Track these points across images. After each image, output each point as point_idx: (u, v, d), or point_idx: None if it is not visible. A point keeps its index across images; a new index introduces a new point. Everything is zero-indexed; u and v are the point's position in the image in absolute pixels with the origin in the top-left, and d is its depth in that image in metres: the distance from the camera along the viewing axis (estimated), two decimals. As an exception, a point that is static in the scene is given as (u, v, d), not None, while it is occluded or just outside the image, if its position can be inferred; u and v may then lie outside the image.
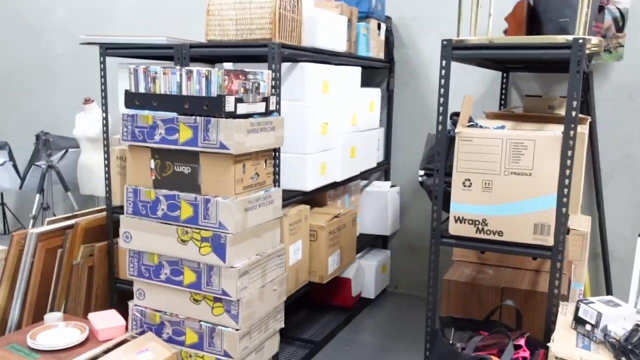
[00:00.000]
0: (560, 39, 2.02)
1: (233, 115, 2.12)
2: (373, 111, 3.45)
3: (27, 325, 2.67)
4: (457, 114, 2.46)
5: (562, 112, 3.17)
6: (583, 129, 2.25)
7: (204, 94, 2.13)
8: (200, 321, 2.28)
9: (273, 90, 2.40)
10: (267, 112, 2.32)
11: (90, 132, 4.26)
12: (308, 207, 2.78)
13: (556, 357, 1.73)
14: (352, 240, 3.18)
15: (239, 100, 2.14)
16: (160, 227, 2.27)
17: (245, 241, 2.23)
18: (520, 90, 3.61)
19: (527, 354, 1.97)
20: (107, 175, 2.84)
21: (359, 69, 3.22)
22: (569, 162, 2.03)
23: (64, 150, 4.50)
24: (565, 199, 2.05)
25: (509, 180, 2.09)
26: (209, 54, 2.54)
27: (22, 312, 2.66)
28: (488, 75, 3.64)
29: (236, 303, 2.20)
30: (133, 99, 2.25)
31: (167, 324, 2.34)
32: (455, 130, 2.16)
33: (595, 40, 2.40)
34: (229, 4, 2.54)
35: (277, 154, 2.46)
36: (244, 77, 2.17)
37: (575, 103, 2.00)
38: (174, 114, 2.18)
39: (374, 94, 3.46)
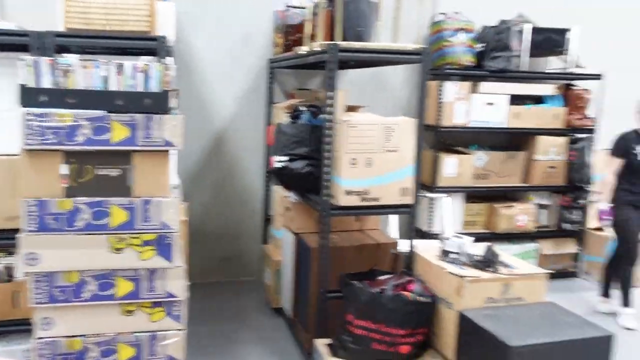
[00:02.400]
0: (411, 46, 2.68)
1: (170, 111, 2.06)
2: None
3: None
4: (314, 107, 2.88)
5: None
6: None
7: (140, 90, 2.00)
8: (134, 333, 2.12)
9: (172, 84, 2.35)
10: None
11: None
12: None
13: (462, 276, 2.40)
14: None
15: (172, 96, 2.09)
16: (82, 240, 2.01)
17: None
18: (282, 84, 4.16)
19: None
20: None
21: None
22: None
23: None
24: (418, 168, 2.73)
25: (384, 156, 2.65)
26: (82, 44, 2.27)
27: None
28: (252, 68, 4.05)
29: (178, 303, 2.16)
30: (37, 95, 1.91)
31: (91, 347, 2.08)
32: (343, 119, 2.59)
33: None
34: (93, -11, 2.32)
35: (168, 149, 2.41)
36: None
37: (422, 93, 2.69)
38: (101, 112, 1.96)
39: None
